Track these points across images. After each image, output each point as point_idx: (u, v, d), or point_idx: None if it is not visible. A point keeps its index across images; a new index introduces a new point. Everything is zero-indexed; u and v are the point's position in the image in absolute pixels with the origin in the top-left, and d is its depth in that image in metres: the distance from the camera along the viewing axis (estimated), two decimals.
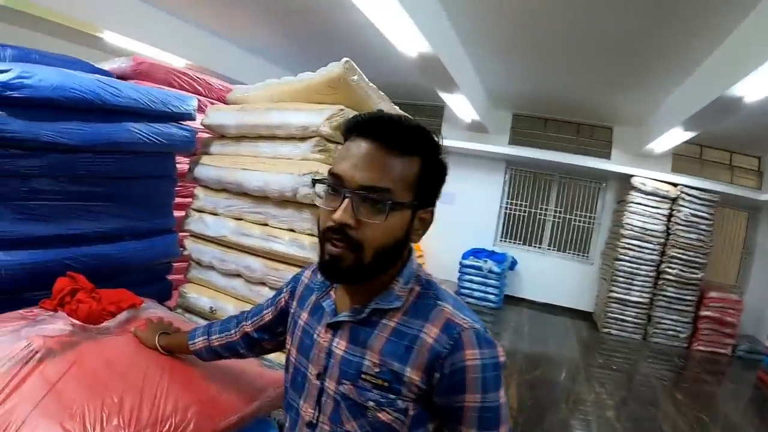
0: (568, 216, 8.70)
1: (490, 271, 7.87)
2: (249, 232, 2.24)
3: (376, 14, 3.88)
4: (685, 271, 7.37)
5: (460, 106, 6.47)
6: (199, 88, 3.40)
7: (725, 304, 7.41)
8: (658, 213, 7.42)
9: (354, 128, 1.00)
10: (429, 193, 1.01)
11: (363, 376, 0.99)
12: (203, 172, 2.43)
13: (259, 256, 2.23)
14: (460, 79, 5.53)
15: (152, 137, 2.19)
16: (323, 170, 2.03)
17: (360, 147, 0.96)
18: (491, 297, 7.94)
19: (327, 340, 1.06)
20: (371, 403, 0.97)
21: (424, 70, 5.02)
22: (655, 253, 7.45)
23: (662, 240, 7.43)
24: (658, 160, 7.69)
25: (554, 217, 8.76)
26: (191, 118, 2.42)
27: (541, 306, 8.54)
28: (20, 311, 1.71)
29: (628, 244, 7.46)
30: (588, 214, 8.63)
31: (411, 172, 0.97)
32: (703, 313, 7.47)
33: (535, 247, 8.86)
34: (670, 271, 7.39)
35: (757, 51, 3.46)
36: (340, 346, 1.03)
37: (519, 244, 8.85)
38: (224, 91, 3.49)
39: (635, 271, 7.46)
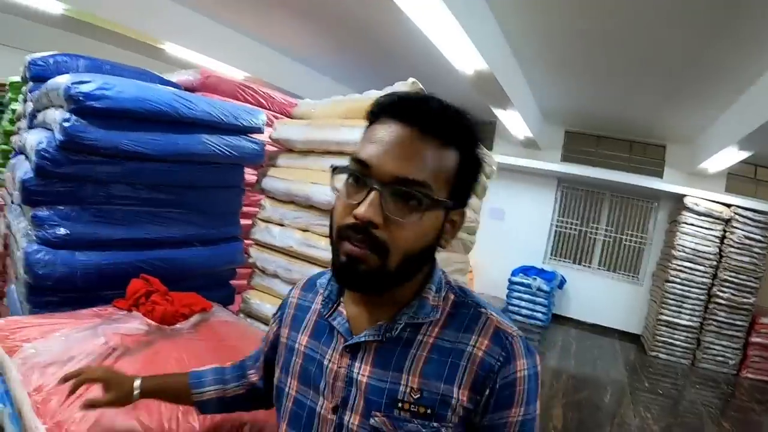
0: (618, 235, 8.61)
1: (539, 289, 7.84)
2: (315, 244, 2.32)
3: (435, 33, 3.97)
4: (737, 295, 7.17)
5: (514, 122, 6.49)
6: (263, 101, 3.51)
7: None
8: (710, 234, 7.25)
9: (385, 109, 0.84)
10: (464, 191, 0.87)
11: (400, 404, 0.83)
12: (271, 184, 2.54)
13: (324, 267, 2.29)
14: (514, 96, 5.56)
15: (224, 149, 2.30)
16: None
17: (392, 131, 0.81)
18: (539, 315, 7.92)
19: (344, 366, 0.88)
20: None
21: (479, 87, 5.06)
22: (707, 275, 7.28)
23: (714, 263, 7.25)
24: (712, 179, 7.56)
25: (605, 236, 8.67)
26: (260, 131, 2.52)
27: (588, 326, 8.51)
28: (95, 309, 1.83)
29: (680, 265, 7.31)
30: (639, 234, 8.51)
31: (449, 165, 0.82)
32: (754, 339, 7.25)
33: (584, 266, 8.77)
34: (721, 294, 7.21)
35: None
36: (364, 372, 0.87)
37: (569, 262, 8.79)
38: (286, 105, 3.61)
39: (686, 293, 7.31)
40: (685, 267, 7.30)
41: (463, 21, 3.75)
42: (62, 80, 1.91)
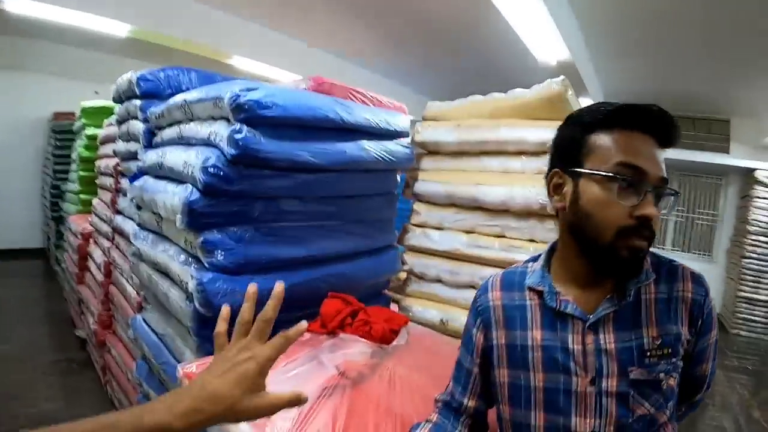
0: (689, 215, 8.41)
1: None
2: (486, 245, 2.21)
3: (522, 25, 3.90)
4: None
5: None
6: (371, 105, 3.46)
7: None
8: None
9: (633, 120, 0.96)
10: None
11: (648, 353, 0.98)
12: (425, 188, 2.41)
13: (496, 267, 2.24)
14: (588, 83, 5.47)
15: (383, 155, 2.17)
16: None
17: (646, 142, 0.96)
18: None
19: (591, 342, 0.99)
20: (662, 374, 0.98)
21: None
22: None
23: None
24: None
25: (676, 216, 8.47)
26: (407, 135, 2.43)
27: None
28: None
29: (756, 240, 7.12)
30: (710, 212, 8.30)
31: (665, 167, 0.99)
32: None
33: (659, 248, 8.46)
34: None
35: None
36: (609, 340, 0.99)
37: None
38: (392, 107, 3.55)
39: (763, 268, 7.10)
40: (761, 242, 7.10)
41: (552, 10, 3.69)
42: (219, 90, 1.76)
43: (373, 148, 2.17)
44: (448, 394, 1.23)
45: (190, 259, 1.88)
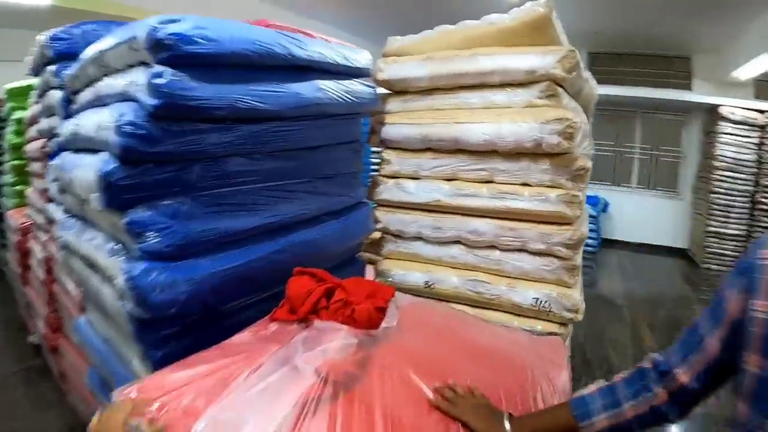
0: (654, 152, 8.19)
1: None
2: (473, 192, 1.87)
3: None
4: None
5: None
6: None
7: None
8: (748, 142, 6.86)
9: None
10: None
11: None
12: (395, 132, 2.03)
13: (485, 217, 1.92)
14: None
15: (343, 96, 1.77)
16: (563, 115, 1.71)
17: None
18: (589, 241, 7.33)
19: None
20: None
21: None
22: (749, 183, 6.93)
23: (755, 169, 6.89)
24: (741, 87, 7.12)
25: (640, 154, 8.26)
26: (368, 74, 2.04)
27: (636, 246, 8.10)
28: (248, 332, 1.31)
29: (722, 176, 6.94)
30: (674, 149, 8.10)
31: None
32: None
33: (624, 186, 8.38)
34: (765, 200, 6.93)
35: None
36: None
37: (608, 184, 8.36)
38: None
39: (731, 203, 6.95)
40: (728, 177, 6.94)
41: None
42: (134, 28, 1.32)
43: (331, 88, 1.77)
44: (664, 354, 0.96)
45: (119, 247, 1.44)
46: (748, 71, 6.24)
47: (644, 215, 8.18)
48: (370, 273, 2.18)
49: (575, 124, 1.71)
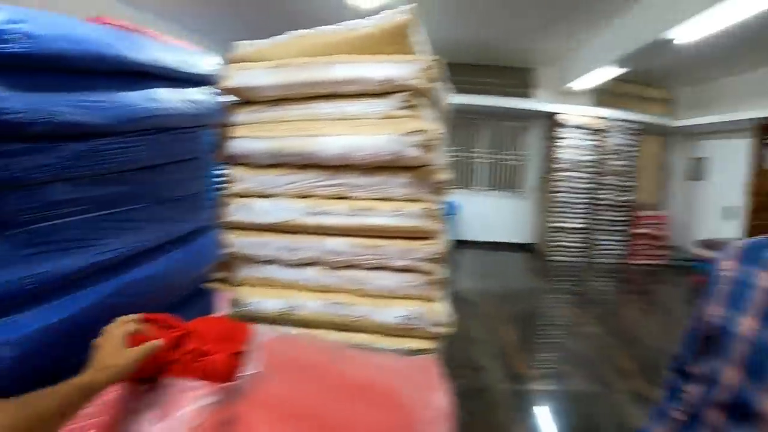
0: (500, 156, 8.63)
1: None
2: (329, 210, 1.73)
3: None
4: (618, 195, 7.77)
5: None
6: None
7: (655, 220, 7.97)
8: (586, 145, 7.61)
9: None
10: None
11: None
12: (242, 147, 1.81)
13: (343, 235, 1.78)
14: None
15: (183, 107, 1.59)
16: (423, 127, 1.63)
17: None
18: None
19: None
20: None
21: None
22: (589, 181, 7.68)
23: (594, 169, 7.65)
24: (580, 96, 7.77)
25: (488, 158, 8.67)
26: (214, 82, 1.85)
27: (487, 245, 8.48)
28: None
29: (562, 176, 7.61)
30: (517, 152, 8.61)
31: None
32: (637, 230, 7.92)
33: (473, 189, 8.76)
34: (604, 196, 7.73)
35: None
36: None
37: (458, 188, 8.64)
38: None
39: (572, 200, 7.66)
40: (567, 176, 7.64)
41: None
42: None
43: (170, 97, 1.58)
44: (677, 357, 1.02)
45: None
46: (586, 81, 6.85)
47: (492, 215, 8.66)
48: (223, 303, 1.96)
49: (436, 135, 1.64)
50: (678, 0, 4.17)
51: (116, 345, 0.97)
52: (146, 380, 1.06)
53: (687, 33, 4.37)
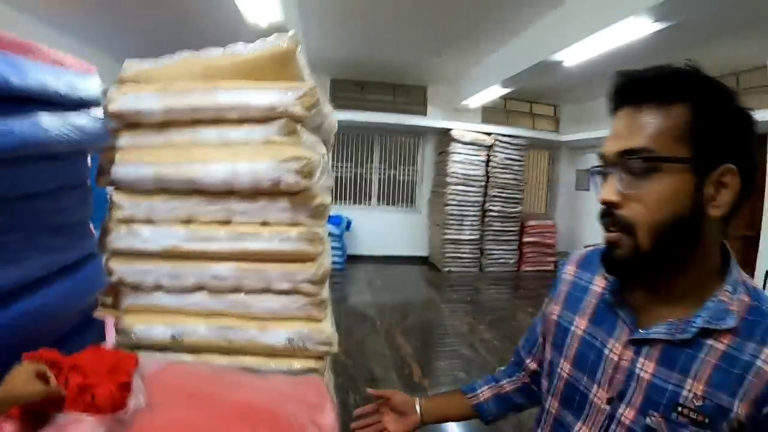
0: (392, 171, 8.81)
1: (330, 234, 7.58)
2: (211, 235, 1.76)
3: None
4: (507, 207, 8.18)
5: None
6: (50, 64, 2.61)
7: (542, 229, 8.49)
8: (477, 160, 7.95)
9: (611, 104, 0.81)
10: (716, 145, 0.72)
11: (679, 408, 0.75)
12: (126, 172, 1.81)
13: (227, 260, 1.81)
14: None
15: (67, 133, 1.58)
16: (301, 154, 1.72)
17: (616, 119, 0.79)
18: (335, 259, 7.51)
19: (627, 360, 0.81)
20: None
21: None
22: (479, 194, 8.03)
23: (483, 183, 8.02)
24: (470, 113, 8.16)
25: (380, 173, 8.81)
26: (98, 104, 1.84)
27: (382, 259, 8.59)
28: None
29: (455, 190, 7.88)
30: (410, 168, 8.84)
31: (677, 121, 0.72)
32: (526, 239, 8.41)
33: (365, 204, 8.85)
34: (493, 208, 8.10)
35: (582, 23, 4.12)
36: (647, 368, 0.79)
37: (350, 204, 8.74)
38: (78, 67, 2.76)
39: (464, 212, 7.97)
40: (460, 190, 7.91)
41: None
42: None
43: (53, 123, 1.57)
44: (517, 347, 1.18)
45: None
46: (476, 100, 7.21)
47: (386, 229, 8.79)
48: (111, 331, 1.94)
49: (313, 162, 1.72)
50: (565, 25, 4.49)
51: (26, 376, 1.01)
52: (35, 416, 1.07)
53: (572, 56, 4.70)
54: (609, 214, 0.79)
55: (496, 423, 1.19)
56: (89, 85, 1.73)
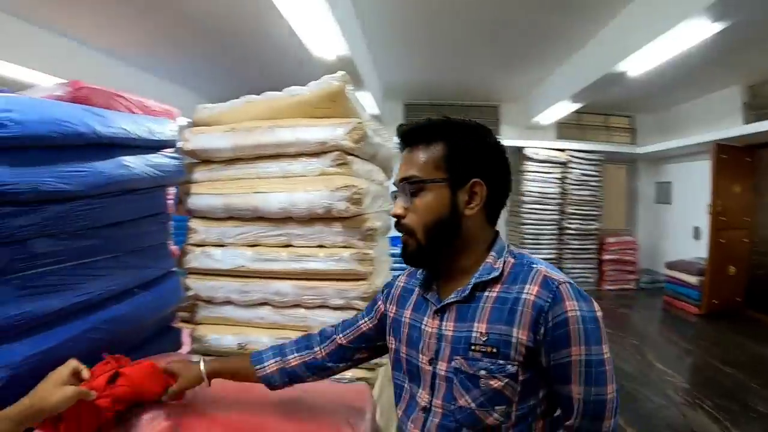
0: None
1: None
2: (274, 257, 2.00)
3: (299, 22, 3.75)
4: (584, 224, 8.02)
5: (363, 103, 6.25)
6: (138, 111, 3.00)
7: (622, 246, 8.25)
8: (552, 177, 7.90)
9: (399, 146, 1.13)
10: (464, 167, 1.04)
11: (472, 347, 0.99)
12: (201, 202, 2.11)
13: (288, 278, 2.03)
14: (365, 77, 5.48)
15: (147, 171, 1.83)
16: (350, 183, 1.90)
17: (403, 156, 1.11)
18: None
19: (435, 327, 1.07)
20: (482, 372, 0.97)
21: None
22: (555, 212, 7.95)
23: (559, 200, 7.93)
24: (544, 130, 8.13)
25: None
26: (174, 145, 2.10)
27: None
28: None
29: (531, 208, 7.87)
30: None
31: (436, 155, 1.05)
32: (606, 257, 8.19)
33: None
34: (570, 226, 7.98)
35: (641, 31, 4.11)
36: (448, 327, 1.05)
37: None
38: (161, 111, 3.13)
39: (540, 231, 7.92)
40: (536, 208, 7.89)
41: (331, 2, 3.56)
42: None
43: (135, 163, 1.83)
44: (331, 329, 1.40)
45: None
46: (547, 117, 7.19)
47: None
48: (186, 339, 2.20)
49: (362, 190, 1.90)
50: (624, 35, 4.46)
51: (56, 382, 1.15)
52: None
53: (635, 65, 4.65)
54: (399, 224, 1.09)
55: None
56: (166, 129, 2.01)
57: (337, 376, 1.93)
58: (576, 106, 6.48)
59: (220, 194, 2.07)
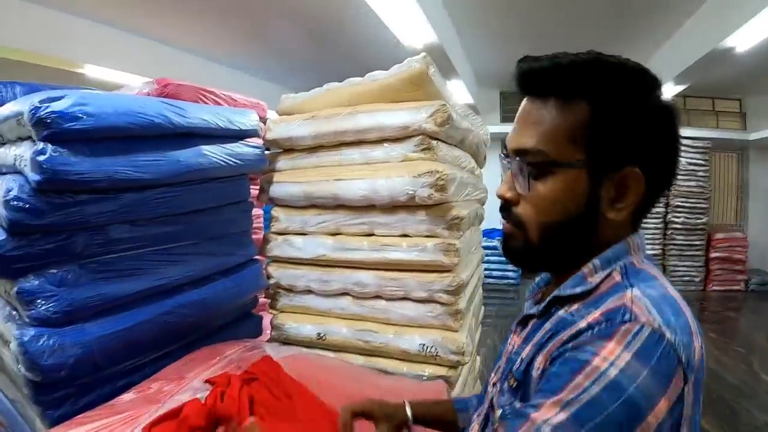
0: None
1: (489, 248, 7.58)
2: (355, 246, 1.95)
3: (386, 10, 3.72)
4: (691, 218, 7.46)
5: (456, 91, 6.21)
6: (225, 104, 3.08)
7: (732, 243, 7.58)
8: None
9: (518, 88, 0.79)
10: (619, 147, 0.69)
11: (509, 376, 0.75)
12: (282, 191, 2.10)
13: (369, 269, 1.98)
14: (457, 65, 5.38)
15: (227, 159, 1.86)
16: (434, 168, 1.81)
17: (521, 106, 0.78)
18: (510, 274, 7.68)
19: (511, 343, 0.83)
20: (498, 411, 0.75)
21: None
22: (660, 204, 7.41)
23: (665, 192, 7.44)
24: None
25: None
26: (256, 134, 2.11)
27: None
28: (134, 393, 1.42)
29: None
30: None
31: (572, 121, 0.70)
32: (713, 254, 7.58)
33: None
34: (676, 220, 7.46)
35: (747, 1, 3.67)
36: (516, 342, 0.81)
37: None
38: (249, 105, 3.19)
39: (643, 225, 7.43)
40: None
41: None
42: (22, 104, 1.39)
43: (214, 152, 1.86)
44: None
45: (14, 313, 1.51)
46: None
47: None
48: (267, 325, 2.21)
49: (446, 176, 1.81)
50: (731, 6, 4.06)
51: None
52: None
53: (744, 40, 4.19)
54: (505, 208, 0.78)
55: None
56: (247, 120, 2.04)
57: (418, 372, 1.87)
58: (680, 88, 6.02)
59: (300, 182, 2.05)
